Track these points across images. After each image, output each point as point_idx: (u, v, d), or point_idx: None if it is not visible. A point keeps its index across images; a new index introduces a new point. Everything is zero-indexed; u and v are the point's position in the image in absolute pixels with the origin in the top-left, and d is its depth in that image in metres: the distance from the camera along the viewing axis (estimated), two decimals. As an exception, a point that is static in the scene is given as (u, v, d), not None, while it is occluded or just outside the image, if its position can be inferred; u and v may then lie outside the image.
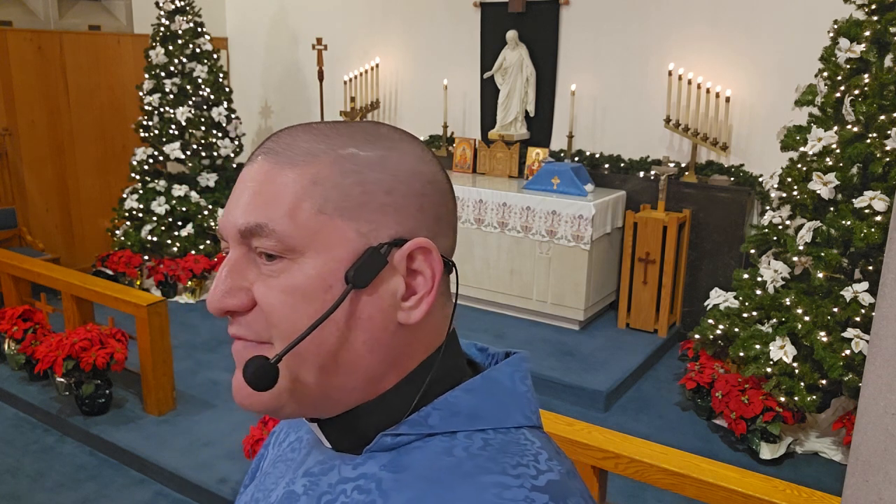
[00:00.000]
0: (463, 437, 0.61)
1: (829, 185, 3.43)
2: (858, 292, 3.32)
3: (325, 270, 0.59)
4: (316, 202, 0.59)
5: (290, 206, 0.59)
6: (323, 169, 0.60)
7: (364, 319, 0.60)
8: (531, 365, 0.69)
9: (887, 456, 1.22)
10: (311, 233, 0.59)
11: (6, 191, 5.63)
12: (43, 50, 5.70)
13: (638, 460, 2.13)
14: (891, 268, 1.22)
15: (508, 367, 0.66)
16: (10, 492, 3.30)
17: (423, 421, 0.62)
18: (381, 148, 0.63)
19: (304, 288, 0.59)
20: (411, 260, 0.62)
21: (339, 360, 0.61)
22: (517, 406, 0.64)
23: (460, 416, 0.62)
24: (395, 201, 0.61)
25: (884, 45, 3.40)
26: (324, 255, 0.59)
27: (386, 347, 0.62)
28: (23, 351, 4.15)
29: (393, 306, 0.61)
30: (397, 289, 0.61)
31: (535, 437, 0.63)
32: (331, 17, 6.35)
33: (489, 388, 0.64)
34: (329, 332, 0.60)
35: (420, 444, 0.61)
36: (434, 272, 0.62)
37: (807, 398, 3.40)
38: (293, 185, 0.60)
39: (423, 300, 0.62)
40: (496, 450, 0.60)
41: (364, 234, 0.60)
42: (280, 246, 0.59)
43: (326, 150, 0.61)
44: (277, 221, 0.59)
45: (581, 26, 5.20)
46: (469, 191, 5.08)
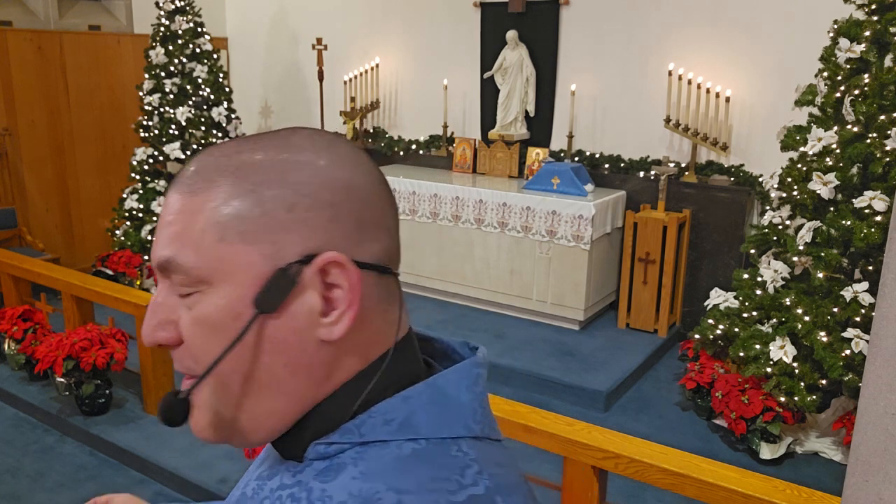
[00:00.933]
0: (394, 447, 0.59)
1: (829, 185, 3.43)
2: (858, 292, 3.32)
3: (233, 298, 0.58)
4: (216, 231, 0.58)
5: (193, 237, 0.59)
6: (220, 194, 0.59)
7: (280, 343, 0.59)
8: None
9: (887, 456, 1.22)
10: (215, 262, 0.58)
11: (6, 191, 5.63)
12: (43, 50, 5.70)
13: (638, 460, 2.13)
14: (891, 268, 1.22)
15: (455, 373, 0.64)
16: (10, 492, 3.30)
17: (355, 430, 0.60)
18: (283, 161, 0.60)
19: (214, 318, 0.59)
20: (325, 274, 0.59)
21: (264, 386, 0.60)
22: (456, 415, 0.61)
23: (392, 424, 0.60)
24: (297, 217, 0.58)
25: (884, 45, 3.40)
26: (230, 283, 0.58)
27: (309, 367, 0.60)
28: (23, 351, 4.15)
29: (311, 325, 0.59)
30: (313, 307, 0.59)
31: (471, 448, 0.60)
32: (331, 17, 6.35)
33: (428, 396, 0.61)
34: (246, 359, 0.59)
35: (353, 453, 0.60)
36: (352, 284, 0.59)
37: (807, 398, 3.40)
38: (194, 215, 0.59)
39: (345, 314, 0.59)
40: (420, 461, 0.58)
41: (269, 256, 0.58)
42: (189, 278, 0.59)
43: (225, 173, 0.59)
44: (183, 254, 0.59)
45: (581, 26, 5.20)
46: (469, 191, 5.08)
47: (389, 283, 0.64)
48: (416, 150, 6.00)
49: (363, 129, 6.33)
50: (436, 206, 5.23)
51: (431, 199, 5.24)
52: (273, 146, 0.61)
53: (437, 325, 4.93)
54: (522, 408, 2.40)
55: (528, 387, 4.28)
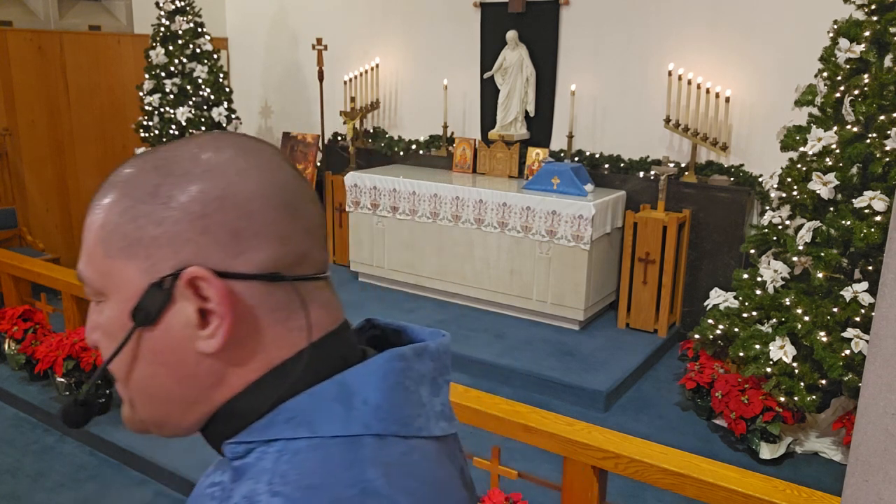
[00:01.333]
0: (294, 445, 0.59)
1: (828, 185, 3.43)
2: (858, 292, 3.32)
3: (119, 311, 0.62)
4: (102, 246, 0.62)
5: (88, 253, 0.63)
6: (108, 210, 0.62)
7: (158, 354, 0.61)
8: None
9: (887, 456, 1.22)
10: (104, 277, 0.62)
11: (6, 191, 5.63)
12: (43, 50, 5.70)
13: (638, 460, 2.13)
14: (890, 268, 1.22)
15: (365, 367, 0.63)
16: (11, 492, 3.30)
17: (262, 428, 0.61)
18: (160, 175, 0.61)
19: (108, 328, 0.63)
20: (196, 288, 0.59)
21: (156, 393, 0.63)
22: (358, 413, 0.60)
23: (294, 422, 0.60)
24: (166, 231, 0.59)
25: (883, 45, 3.40)
26: (116, 297, 0.62)
27: (194, 376, 0.62)
28: (23, 351, 4.15)
29: (189, 337, 0.60)
30: (189, 319, 0.60)
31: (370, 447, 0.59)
32: (331, 17, 6.35)
33: (332, 393, 0.61)
34: (132, 368, 0.63)
35: (259, 452, 0.60)
36: (221, 297, 0.59)
37: (806, 398, 3.40)
38: (91, 232, 0.63)
39: (220, 327, 0.59)
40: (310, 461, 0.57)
41: (145, 270, 0.60)
42: (90, 290, 0.64)
43: (114, 189, 0.62)
44: (84, 269, 0.64)
45: (581, 26, 5.20)
46: (469, 191, 5.08)
47: (288, 289, 0.62)
48: (416, 150, 6.00)
49: (363, 129, 6.33)
50: (436, 206, 5.23)
51: (431, 199, 5.24)
52: (161, 158, 0.63)
53: (437, 325, 4.92)
54: (522, 408, 2.40)
55: (528, 387, 4.28)
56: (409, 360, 0.64)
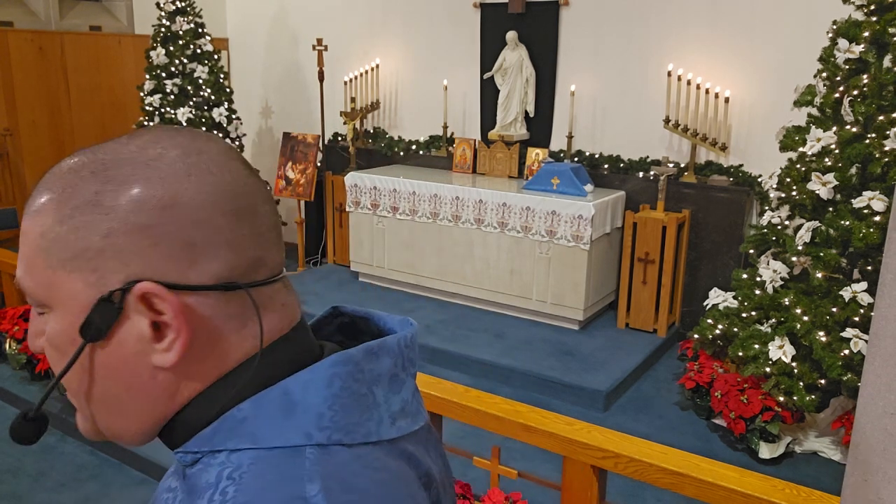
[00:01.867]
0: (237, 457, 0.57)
1: (827, 186, 3.43)
2: (857, 292, 3.33)
3: (66, 325, 0.59)
4: (44, 256, 0.58)
5: (27, 262, 0.60)
6: (47, 218, 0.58)
7: (112, 369, 0.59)
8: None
9: (886, 455, 1.23)
10: (46, 288, 0.59)
11: (7, 191, 5.64)
12: (44, 50, 5.70)
13: (637, 460, 2.14)
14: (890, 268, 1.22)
15: (310, 373, 0.60)
16: (12, 491, 3.30)
17: (206, 437, 0.59)
18: (102, 181, 0.57)
19: (56, 342, 0.60)
20: (149, 302, 0.57)
21: (111, 407, 0.61)
22: (299, 422, 0.58)
23: (236, 431, 0.58)
24: (114, 243, 0.56)
25: (883, 45, 3.41)
26: (61, 310, 0.59)
27: (149, 390, 0.60)
28: (24, 351, 4.16)
29: (143, 351, 0.58)
30: (143, 333, 0.57)
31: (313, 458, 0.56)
32: (331, 18, 6.36)
33: (273, 401, 0.59)
34: (85, 382, 0.60)
35: (207, 461, 0.59)
36: (176, 312, 0.56)
37: (806, 398, 3.40)
38: (29, 241, 0.59)
39: (176, 342, 0.57)
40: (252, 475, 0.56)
41: (92, 283, 0.57)
42: (32, 301, 0.61)
43: (52, 195, 0.58)
44: (22, 279, 0.61)
45: (581, 27, 5.20)
46: (469, 191, 5.09)
47: (243, 297, 0.60)
48: (416, 150, 6.00)
49: (363, 129, 6.34)
50: (436, 206, 5.24)
51: (431, 199, 5.25)
52: (99, 162, 0.58)
53: (437, 325, 4.94)
54: (522, 407, 2.41)
55: (528, 387, 4.28)
56: (359, 363, 0.61)
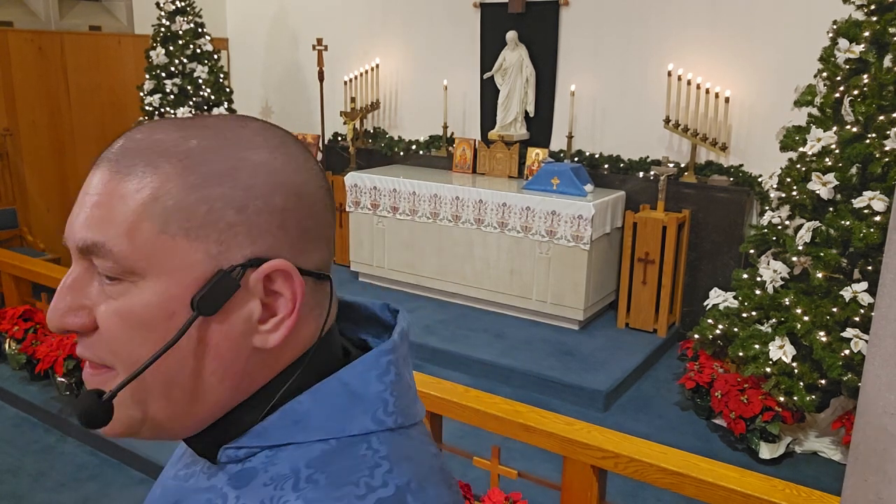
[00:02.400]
0: (305, 449, 0.57)
1: (828, 186, 3.43)
2: (857, 292, 3.32)
3: (168, 296, 0.54)
4: (158, 221, 0.54)
5: (129, 224, 0.54)
6: (165, 182, 0.54)
7: (212, 347, 0.56)
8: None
9: (886, 455, 1.23)
10: (151, 255, 0.54)
11: (7, 191, 5.63)
12: (44, 50, 5.70)
13: (637, 460, 2.14)
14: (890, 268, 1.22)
15: (363, 363, 0.61)
16: (12, 491, 3.30)
17: (263, 432, 0.58)
18: (234, 157, 0.56)
19: (143, 315, 0.55)
20: (270, 281, 0.57)
21: (187, 391, 0.57)
22: (365, 410, 0.59)
23: (300, 424, 0.58)
24: (247, 219, 0.55)
25: (883, 45, 3.41)
26: (166, 280, 0.54)
27: (240, 374, 0.58)
28: (24, 351, 4.15)
29: (247, 331, 0.57)
30: (252, 313, 0.57)
31: (382, 443, 0.58)
32: (331, 18, 6.35)
33: (335, 393, 0.59)
34: (174, 361, 0.55)
35: (264, 457, 0.58)
36: (295, 294, 0.57)
37: (806, 398, 3.40)
38: (132, 201, 0.54)
39: (283, 323, 0.57)
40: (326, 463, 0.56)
41: (213, 255, 0.55)
42: (118, 267, 0.54)
43: (171, 158, 0.55)
44: (114, 241, 0.54)
45: (581, 27, 5.20)
46: (469, 191, 5.09)
47: (324, 287, 0.62)
48: (416, 150, 6.00)
49: (363, 129, 6.34)
50: (436, 206, 5.24)
51: (431, 199, 5.25)
52: (224, 137, 0.57)
53: (437, 325, 4.93)
54: (522, 407, 2.41)
55: (527, 387, 4.28)
56: (400, 349, 0.64)
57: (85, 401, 0.54)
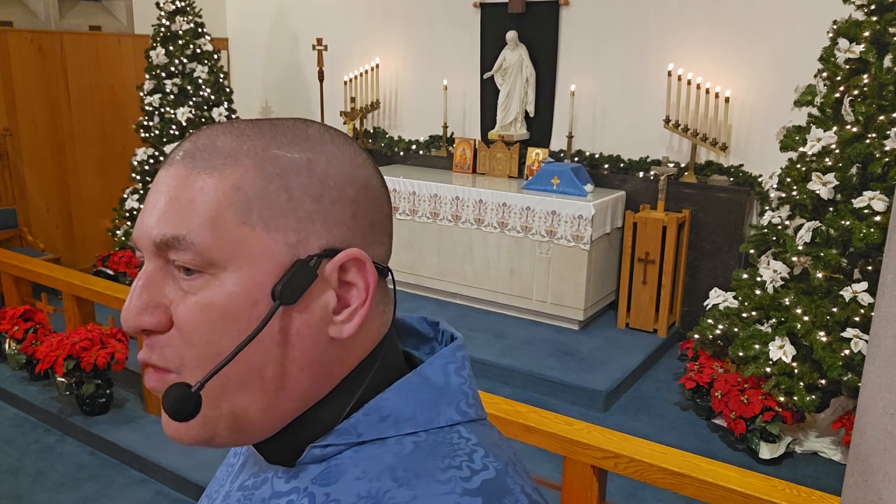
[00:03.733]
0: (393, 443, 0.58)
1: (828, 186, 3.43)
2: (858, 292, 3.32)
3: (250, 286, 0.55)
4: (238, 211, 0.55)
5: (210, 215, 0.54)
6: (245, 174, 0.55)
7: (293, 336, 0.56)
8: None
9: (886, 455, 1.23)
10: (233, 245, 0.55)
11: (7, 191, 5.63)
12: (44, 50, 5.70)
13: (637, 460, 2.14)
14: (890, 268, 1.22)
15: (441, 359, 0.63)
16: (11, 491, 3.30)
17: (351, 429, 0.59)
18: (308, 150, 0.58)
19: (226, 305, 0.55)
20: (343, 272, 0.58)
21: (269, 382, 0.57)
22: (450, 402, 0.61)
23: (388, 420, 0.59)
24: (324, 209, 0.57)
25: (883, 45, 3.41)
26: (248, 270, 0.55)
27: (318, 364, 0.58)
28: (23, 351, 4.15)
29: (324, 321, 0.57)
30: (329, 302, 0.57)
31: (471, 432, 0.59)
32: (331, 18, 6.35)
33: (419, 387, 0.60)
34: (256, 352, 0.55)
35: (351, 453, 0.58)
36: (368, 284, 0.58)
37: (806, 398, 3.40)
38: (213, 193, 0.55)
39: (357, 313, 0.58)
40: (425, 454, 0.57)
41: (292, 245, 0.56)
42: (199, 259, 0.54)
43: (248, 152, 0.56)
44: (196, 233, 0.54)
45: (581, 27, 5.20)
46: (469, 191, 5.09)
47: (386, 283, 0.64)
48: (416, 150, 6.00)
49: (363, 129, 6.34)
50: (436, 206, 5.24)
51: (431, 199, 5.25)
52: (294, 134, 0.59)
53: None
54: (522, 407, 2.41)
55: (528, 387, 4.28)
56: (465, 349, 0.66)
57: (174, 392, 0.54)
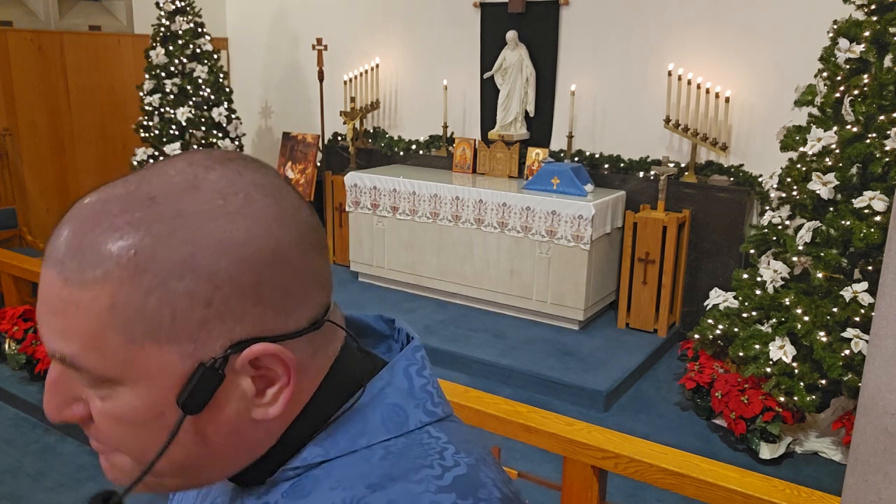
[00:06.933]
0: (364, 452, 0.58)
1: (828, 186, 3.43)
2: (858, 292, 3.32)
3: (151, 400, 0.53)
4: (119, 331, 0.51)
5: (91, 338, 0.51)
6: (119, 290, 0.50)
7: (212, 434, 0.55)
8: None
9: (886, 455, 1.23)
10: (122, 364, 0.51)
11: (7, 191, 5.63)
12: (43, 50, 5.70)
13: (638, 460, 2.13)
14: (890, 268, 1.22)
15: (402, 361, 0.62)
16: (11, 492, 3.30)
17: (319, 448, 0.58)
18: (190, 240, 0.51)
19: (131, 417, 0.53)
20: (256, 361, 0.54)
21: (200, 468, 0.57)
22: (416, 404, 0.61)
23: (358, 432, 0.58)
24: (217, 310, 0.51)
25: (883, 45, 3.41)
26: (145, 385, 0.52)
27: (247, 442, 0.57)
28: (23, 351, 4.15)
29: (245, 408, 0.55)
30: (245, 392, 0.55)
31: (439, 431, 0.60)
32: (331, 18, 6.35)
33: (384, 395, 0.60)
34: (177, 451, 0.55)
35: (321, 468, 0.58)
36: (288, 368, 0.55)
37: (806, 398, 3.40)
38: (88, 314, 0.51)
39: (282, 393, 0.55)
40: (396, 457, 0.57)
41: (189, 353, 0.52)
42: (92, 378, 0.52)
43: (120, 259, 0.50)
44: (80, 356, 0.52)
45: (581, 27, 5.20)
46: (469, 191, 5.08)
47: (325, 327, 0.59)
48: (416, 150, 6.00)
49: (363, 129, 6.34)
50: (436, 206, 5.23)
51: (431, 199, 5.24)
52: (175, 212, 0.52)
53: (437, 325, 4.93)
54: (522, 408, 2.40)
55: (528, 387, 4.28)
56: (423, 349, 0.65)
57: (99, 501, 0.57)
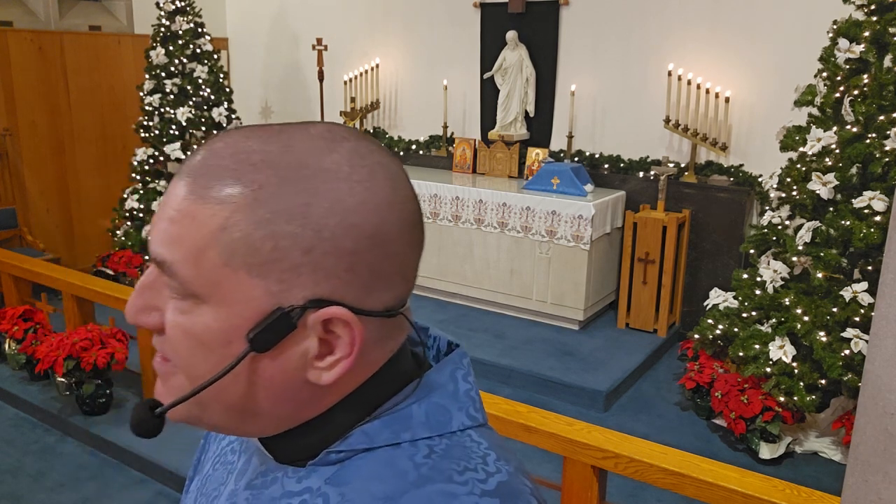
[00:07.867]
0: (407, 447, 0.58)
1: (828, 186, 3.43)
2: (858, 292, 3.32)
3: (226, 325, 0.55)
4: (221, 252, 0.53)
5: (195, 250, 0.54)
6: (234, 214, 0.53)
7: (265, 379, 0.56)
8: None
9: (886, 455, 1.23)
10: (213, 284, 0.54)
11: (7, 191, 5.63)
12: (43, 50, 5.70)
13: (637, 460, 2.14)
14: (890, 268, 1.22)
15: (450, 365, 0.64)
16: (11, 492, 3.30)
17: (365, 434, 0.59)
18: (311, 191, 0.54)
19: (202, 337, 0.56)
20: (329, 324, 0.56)
21: (242, 410, 0.58)
22: (460, 407, 0.62)
23: (402, 425, 0.59)
24: (313, 261, 0.54)
25: (883, 45, 3.41)
26: (226, 310, 0.54)
27: (293, 400, 0.58)
28: (23, 351, 4.15)
29: (302, 366, 0.57)
30: (309, 350, 0.56)
31: (481, 437, 0.61)
32: (331, 18, 6.35)
33: (430, 393, 0.61)
34: (229, 385, 0.56)
35: (364, 455, 0.59)
36: (354, 340, 0.56)
37: (806, 398, 3.40)
38: (201, 228, 0.54)
39: (339, 364, 0.57)
40: (440, 457, 0.57)
41: (273, 293, 0.54)
42: (182, 289, 0.55)
43: (244, 188, 0.53)
44: (180, 264, 0.54)
45: (581, 27, 5.20)
46: (469, 191, 5.09)
47: (395, 320, 0.61)
48: (416, 150, 6.00)
49: (363, 129, 6.34)
50: (436, 206, 5.23)
51: (431, 199, 5.24)
52: (304, 165, 0.55)
53: (437, 325, 4.89)
54: (522, 408, 2.41)
55: (528, 387, 4.28)
56: (468, 356, 0.68)
57: (139, 412, 0.59)
